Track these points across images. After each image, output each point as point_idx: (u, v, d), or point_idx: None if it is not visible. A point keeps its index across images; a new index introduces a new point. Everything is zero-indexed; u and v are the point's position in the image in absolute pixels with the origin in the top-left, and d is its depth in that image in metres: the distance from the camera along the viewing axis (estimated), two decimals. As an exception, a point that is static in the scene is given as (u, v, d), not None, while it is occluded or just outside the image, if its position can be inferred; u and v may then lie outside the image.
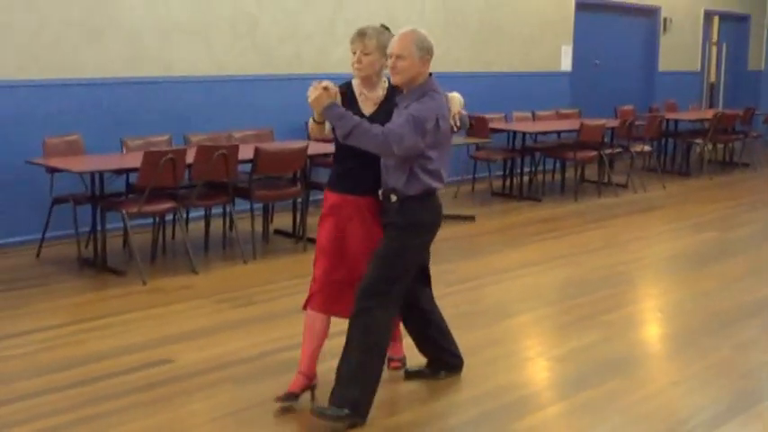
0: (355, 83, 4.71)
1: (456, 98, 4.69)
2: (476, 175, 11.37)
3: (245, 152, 7.75)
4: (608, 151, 11.70)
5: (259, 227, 8.52)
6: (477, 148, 10.96)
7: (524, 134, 11.08)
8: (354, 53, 4.57)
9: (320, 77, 4.74)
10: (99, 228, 7.40)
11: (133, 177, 7.37)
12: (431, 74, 4.61)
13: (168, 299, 6.70)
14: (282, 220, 8.96)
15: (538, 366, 5.55)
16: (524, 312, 6.57)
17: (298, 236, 8.47)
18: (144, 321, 6.21)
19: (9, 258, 7.74)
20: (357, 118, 4.39)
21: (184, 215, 7.93)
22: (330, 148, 8.59)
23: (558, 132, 11.79)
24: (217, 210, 8.45)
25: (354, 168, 4.64)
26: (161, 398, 4.89)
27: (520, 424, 4.62)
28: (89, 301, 6.71)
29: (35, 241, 7.86)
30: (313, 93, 4.40)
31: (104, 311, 6.41)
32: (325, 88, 4.41)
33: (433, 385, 5.09)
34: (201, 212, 8.37)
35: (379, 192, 4.60)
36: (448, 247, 8.44)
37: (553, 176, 12.30)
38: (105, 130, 8.31)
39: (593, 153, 11.32)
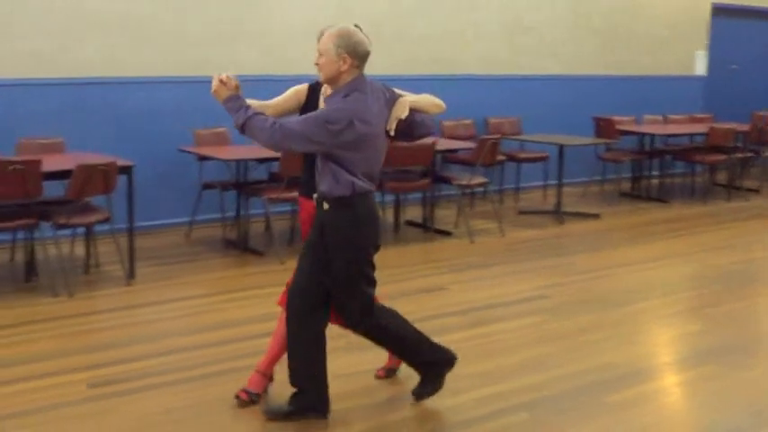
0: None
1: (402, 103, 4.51)
2: (605, 177, 11.65)
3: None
4: (738, 155, 11.82)
5: (391, 217, 9.08)
6: (607, 149, 11.26)
7: (653, 136, 11.32)
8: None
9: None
10: (242, 212, 8.06)
11: (274, 167, 7.99)
12: (363, 75, 4.37)
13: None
14: (413, 212, 9.46)
15: (639, 350, 5.90)
16: (635, 302, 6.90)
17: (426, 226, 8.98)
18: (278, 296, 6.80)
19: (163, 238, 8.48)
20: (253, 111, 4.29)
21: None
22: (459, 144, 9.21)
23: (690, 135, 11.96)
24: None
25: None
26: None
27: (613, 397, 5.01)
28: (231, 276, 7.38)
29: (185, 223, 8.58)
30: (213, 85, 4.35)
31: (244, 285, 7.09)
32: (223, 81, 4.35)
33: (537, 359, 5.53)
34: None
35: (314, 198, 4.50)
36: (570, 242, 8.85)
37: (683, 180, 12.47)
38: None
39: (723, 157, 11.47)
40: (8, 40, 7.87)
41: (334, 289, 4.48)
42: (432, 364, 4.82)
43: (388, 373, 5.21)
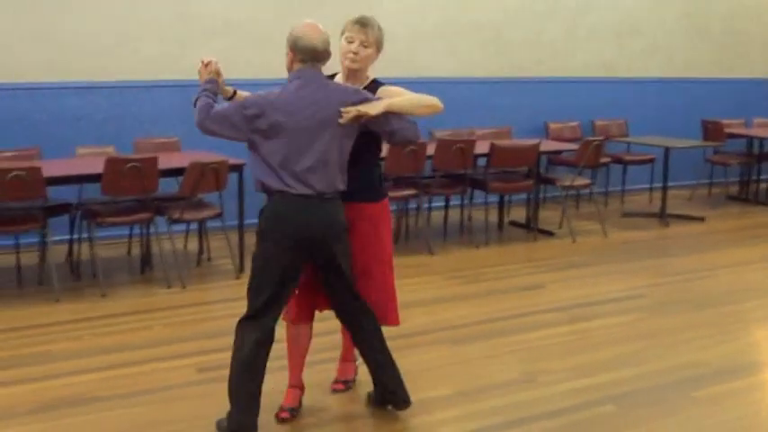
0: (339, 76, 4.59)
1: (375, 104, 4.35)
2: (712, 180, 11.60)
3: (483, 147, 8.48)
4: None
5: (494, 217, 9.26)
6: (715, 152, 11.21)
7: (762, 140, 11.21)
8: (352, 42, 4.44)
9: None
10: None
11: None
12: (310, 69, 4.31)
13: (405, 273, 7.51)
14: (518, 213, 9.61)
15: (732, 348, 5.95)
16: (733, 303, 6.93)
17: (530, 226, 9.13)
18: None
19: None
20: (206, 95, 4.33)
21: (426, 203, 8.76)
22: (563, 145, 9.33)
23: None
24: (457, 201, 9.18)
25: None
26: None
27: (702, 392, 5.11)
28: None
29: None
30: (197, 68, 4.51)
31: None
32: (204, 64, 4.49)
33: (629, 355, 5.66)
34: (442, 202, 9.15)
35: None
36: (672, 244, 8.91)
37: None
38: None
39: (835, 161, 11.30)
40: (129, 44, 8.30)
41: None
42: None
43: (347, 385, 5.09)
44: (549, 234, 9.05)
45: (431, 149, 8.18)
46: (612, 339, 6.01)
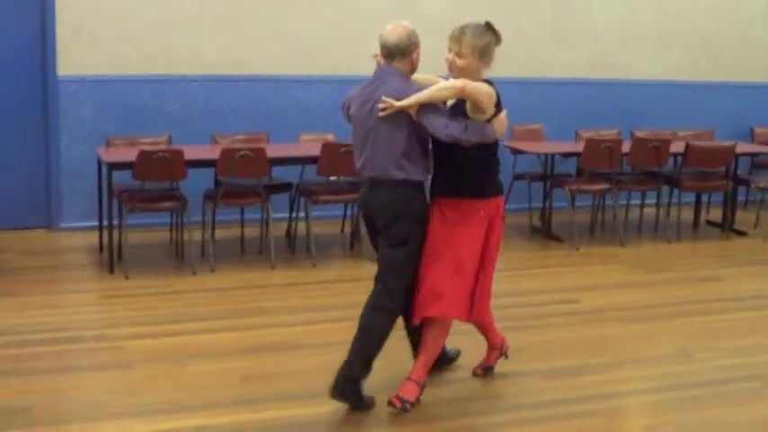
0: None
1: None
2: None
3: (680, 147, 8.83)
4: None
5: (690, 215, 9.57)
6: None
7: None
8: (450, 52, 4.68)
9: None
10: (548, 202, 8.88)
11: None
12: (384, 65, 4.74)
13: (592, 261, 8.07)
14: (717, 213, 9.81)
15: None
16: None
17: (723, 225, 9.36)
18: (566, 274, 7.67)
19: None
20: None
21: (623, 200, 9.20)
22: (765, 148, 9.50)
23: None
24: (652, 199, 9.53)
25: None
26: (560, 324, 6.32)
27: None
28: (532, 256, 8.34)
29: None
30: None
31: (539, 263, 8.09)
32: None
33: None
34: (639, 200, 9.55)
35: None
36: None
37: None
38: (563, 121, 9.75)
39: None
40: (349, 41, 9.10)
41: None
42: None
43: (486, 371, 5.31)
44: (743, 234, 9.26)
45: (626, 147, 8.62)
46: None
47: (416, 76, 4.82)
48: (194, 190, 7.63)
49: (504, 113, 4.72)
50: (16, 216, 8.45)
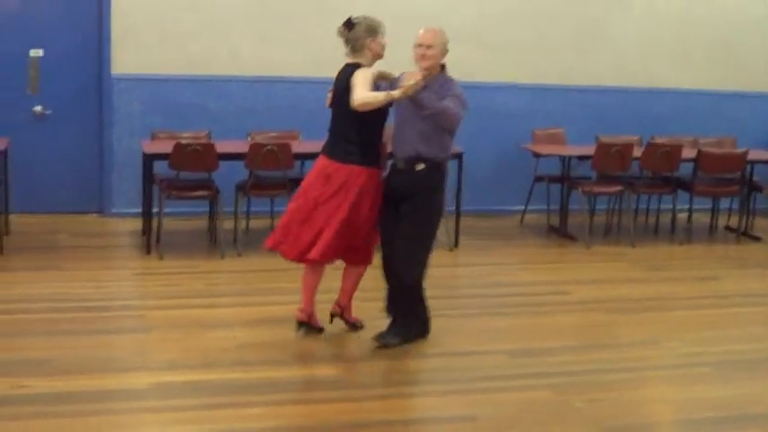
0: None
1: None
2: None
3: (693, 153, 9.27)
4: None
5: (706, 220, 10.00)
6: None
7: None
8: None
9: None
10: (565, 203, 9.38)
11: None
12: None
13: (598, 259, 8.57)
14: (735, 219, 10.16)
15: None
16: None
17: (741, 232, 9.75)
18: (567, 269, 8.22)
19: (499, 221, 10.06)
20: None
21: (634, 201, 9.66)
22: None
23: None
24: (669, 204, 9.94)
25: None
26: (546, 312, 6.88)
27: None
28: (542, 252, 8.97)
29: (519, 211, 10.08)
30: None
31: (546, 259, 8.68)
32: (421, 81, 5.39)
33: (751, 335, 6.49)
34: (655, 204, 10.00)
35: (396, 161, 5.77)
36: None
37: None
38: (585, 127, 10.21)
39: None
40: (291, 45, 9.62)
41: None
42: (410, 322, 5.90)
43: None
44: (757, 239, 9.66)
45: (638, 152, 9.12)
46: (747, 321, 6.86)
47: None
48: (229, 182, 8.33)
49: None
50: (72, 201, 9.27)
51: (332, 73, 5.79)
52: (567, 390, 5.31)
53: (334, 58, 5.88)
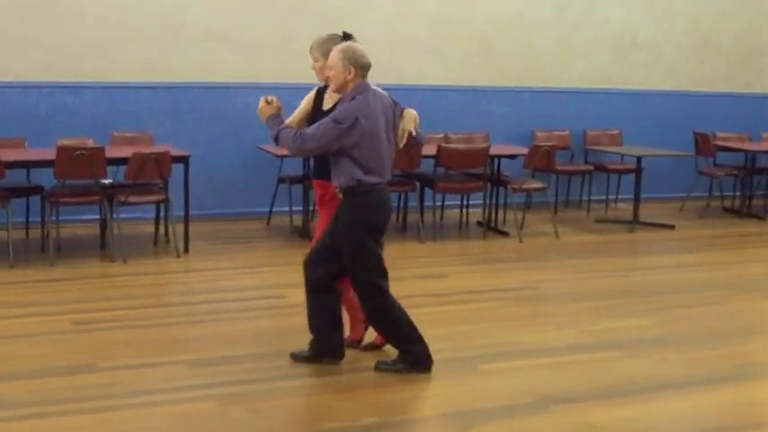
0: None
1: (409, 114, 5.47)
2: (711, 193, 11.75)
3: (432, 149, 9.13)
4: None
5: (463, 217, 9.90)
6: (714, 164, 11.45)
7: (755, 154, 11.38)
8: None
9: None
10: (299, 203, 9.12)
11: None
12: (365, 82, 5.26)
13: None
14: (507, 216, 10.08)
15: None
16: (609, 298, 7.43)
17: (483, 224, 9.70)
18: (291, 272, 7.84)
19: (247, 224, 9.79)
20: (283, 126, 5.28)
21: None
22: (517, 149, 9.86)
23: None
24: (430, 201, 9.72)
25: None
26: (248, 317, 6.68)
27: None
28: (274, 255, 8.63)
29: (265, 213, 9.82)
30: (260, 105, 5.37)
31: (276, 261, 8.36)
32: (268, 102, 5.35)
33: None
34: (402, 201, 9.87)
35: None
36: (614, 247, 9.45)
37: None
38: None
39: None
40: (122, 50, 9.36)
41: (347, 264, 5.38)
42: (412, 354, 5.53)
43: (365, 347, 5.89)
44: (504, 234, 9.62)
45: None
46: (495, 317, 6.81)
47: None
48: None
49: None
50: None
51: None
52: (232, 400, 5.06)
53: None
